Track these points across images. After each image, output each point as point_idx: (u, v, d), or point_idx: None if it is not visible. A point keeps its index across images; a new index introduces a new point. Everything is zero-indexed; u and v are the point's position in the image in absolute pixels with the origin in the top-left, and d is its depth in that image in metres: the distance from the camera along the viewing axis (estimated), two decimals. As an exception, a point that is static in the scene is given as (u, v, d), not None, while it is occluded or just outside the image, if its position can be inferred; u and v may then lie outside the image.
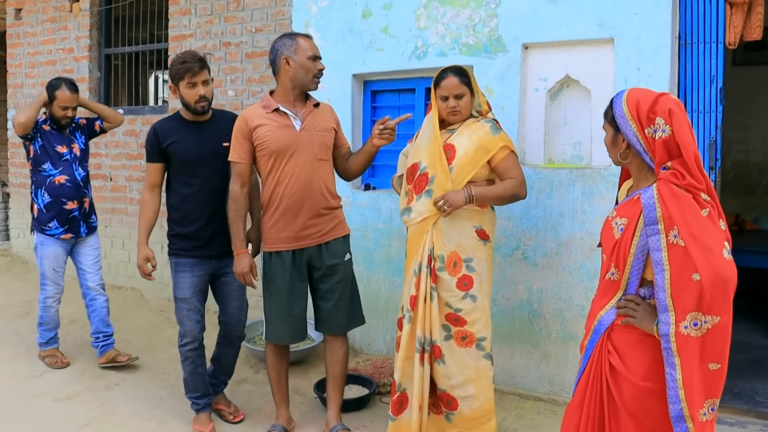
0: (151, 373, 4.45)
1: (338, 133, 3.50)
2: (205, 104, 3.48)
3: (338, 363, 3.50)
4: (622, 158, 2.22)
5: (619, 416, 2.14)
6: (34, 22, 6.73)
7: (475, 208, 3.24)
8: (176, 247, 3.56)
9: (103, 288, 4.55)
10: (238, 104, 5.38)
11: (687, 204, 1.98)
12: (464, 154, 3.21)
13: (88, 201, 4.49)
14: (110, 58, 6.58)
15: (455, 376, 3.26)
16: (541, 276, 3.94)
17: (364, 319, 3.58)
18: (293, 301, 3.39)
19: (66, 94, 4.29)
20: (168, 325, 5.29)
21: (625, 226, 2.10)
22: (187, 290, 3.53)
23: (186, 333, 3.57)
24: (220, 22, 5.50)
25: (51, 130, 4.39)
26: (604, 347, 2.18)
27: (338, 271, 3.40)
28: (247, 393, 3.82)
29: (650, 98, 2.10)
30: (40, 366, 4.53)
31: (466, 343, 3.25)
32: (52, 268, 4.41)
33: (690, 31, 3.65)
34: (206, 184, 3.49)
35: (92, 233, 4.56)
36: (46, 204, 4.33)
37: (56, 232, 4.36)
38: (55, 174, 4.33)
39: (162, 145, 3.49)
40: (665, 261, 1.98)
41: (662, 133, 2.05)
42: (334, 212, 3.42)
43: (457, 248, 3.23)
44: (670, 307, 1.96)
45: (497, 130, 3.27)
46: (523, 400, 3.97)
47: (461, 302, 3.22)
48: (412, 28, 4.33)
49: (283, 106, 3.32)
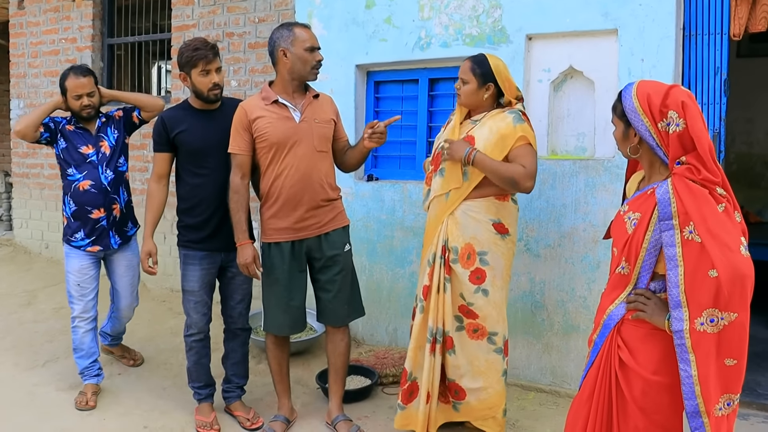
0: (153, 363, 4.45)
1: (337, 125, 3.47)
2: (218, 92, 3.44)
3: (340, 355, 3.50)
4: (632, 153, 2.18)
5: (628, 411, 2.13)
6: (37, 11, 6.71)
7: (493, 200, 3.19)
8: (185, 238, 3.52)
9: (133, 310, 4.17)
10: (241, 95, 5.36)
11: (704, 200, 1.95)
12: (483, 147, 3.13)
13: (119, 208, 3.90)
14: (113, 48, 6.57)
15: (465, 367, 3.26)
16: (543, 267, 3.93)
17: (364, 311, 3.57)
18: (292, 292, 3.38)
19: (76, 80, 3.78)
20: (170, 315, 5.29)
21: (638, 221, 2.08)
22: (195, 283, 3.51)
23: (192, 324, 3.56)
24: (223, 12, 5.48)
25: (76, 130, 3.87)
26: (614, 342, 2.17)
27: (338, 262, 3.39)
28: (249, 384, 3.82)
29: (661, 91, 2.05)
30: (43, 355, 4.53)
31: (478, 336, 3.24)
32: (76, 283, 3.85)
33: (694, 22, 3.62)
34: (215, 174, 3.44)
35: (127, 244, 4.00)
36: (73, 212, 3.83)
37: (82, 243, 3.84)
38: (79, 179, 3.80)
39: (170, 135, 3.44)
40: (679, 257, 1.96)
41: (676, 127, 2.01)
42: (333, 203, 3.40)
43: (472, 240, 3.18)
44: (684, 303, 1.95)
45: (520, 120, 3.17)
46: (525, 392, 3.97)
47: (473, 296, 3.20)
48: (416, 19, 4.30)
49: (282, 97, 3.29)
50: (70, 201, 3.82)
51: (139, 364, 4.29)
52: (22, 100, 6.91)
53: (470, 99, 3.27)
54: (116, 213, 3.88)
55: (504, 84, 3.25)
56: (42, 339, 4.84)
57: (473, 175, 3.16)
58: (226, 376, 3.75)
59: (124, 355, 4.34)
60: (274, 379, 3.59)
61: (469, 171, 3.16)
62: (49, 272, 6.37)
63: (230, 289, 3.63)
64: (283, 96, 3.30)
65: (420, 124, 4.43)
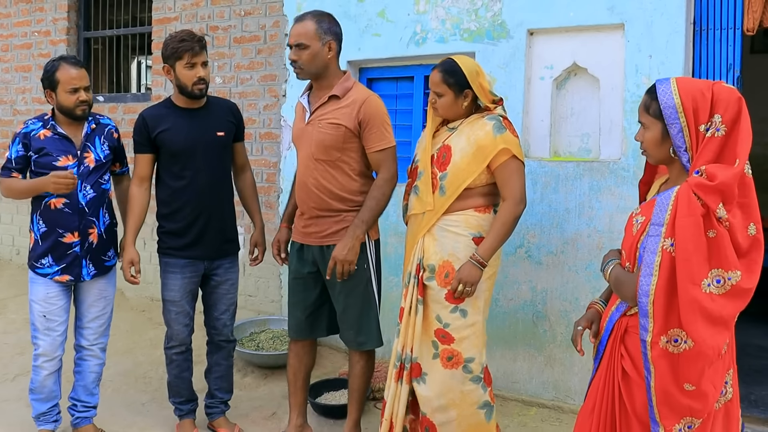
0: (131, 377, 4.27)
1: (363, 134, 3.06)
2: (203, 87, 3.25)
3: (355, 377, 3.27)
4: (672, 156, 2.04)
5: (631, 424, 2.06)
6: (8, 2, 6.46)
7: (473, 213, 2.95)
8: (166, 245, 3.36)
9: (102, 350, 3.44)
10: (225, 92, 5.17)
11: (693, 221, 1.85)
12: (460, 158, 2.90)
13: (96, 233, 3.27)
14: (90, 42, 6.35)
15: (436, 399, 2.97)
16: (545, 275, 3.78)
17: (381, 341, 3.25)
18: (298, 294, 3.28)
19: (71, 71, 3.15)
20: (150, 325, 5.11)
21: (642, 224, 2.05)
22: (177, 292, 3.34)
23: (173, 336, 3.40)
24: (207, 5, 5.29)
25: (54, 136, 3.21)
26: (617, 351, 2.11)
27: (335, 282, 3.12)
28: (234, 398, 3.63)
29: (707, 90, 1.93)
30: (13, 368, 4.31)
31: (452, 364, 2.95)
32: (42, 314, 3.24)
33: (705, 16, 3.52)
34: (198, 177, 3.27)
35: (102, 276, 3.36)
36: (42, 233, 3.23)
37: (49, 271, 3.23)
38: (50, 195, 3.18)
39: (151, 134, 3.26)
40: (656, 266, 1.89)
41: (716, 131, 1.90)
42: (340, 215, 3.13)
43: (450, 257, 2.93)
44: (650, 315, 1.90)
45: (501, 129, 2.89)
46: (526, 407, 3.81)
47: (450, 316, 2.93)
48: (411, 13, 4.14)
49: (306, 95, 3.20)
50: (39, 220, 3.23)
51: None
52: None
53: (449, 111, 3.01)
54: (93, 239, 3.26)
55: (479, 91, 2.97)
56: (12, 351, 4.63)
57: (450, 189, 2.92)
58: (209, 390, 3.60)
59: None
60: (288, 390, 3.43)
61: (446, 186, 2.93)
62: (20, 280, 6.08)
63: (214, 299, 3.47)
64: (306, 93, 3.21)
65: (415, 124, 4.28)
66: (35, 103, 6.30)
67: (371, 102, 3.05)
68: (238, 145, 3.49)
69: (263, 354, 4.31)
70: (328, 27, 3.04)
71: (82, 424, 3.43)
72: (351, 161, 3.09)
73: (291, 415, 3.42)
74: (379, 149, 3.05)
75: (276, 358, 4.28)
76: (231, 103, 3.54)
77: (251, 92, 5.13)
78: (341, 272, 3.01)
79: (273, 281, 5.04)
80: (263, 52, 5.05)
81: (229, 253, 3.45)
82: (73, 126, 3.26)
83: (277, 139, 4.99)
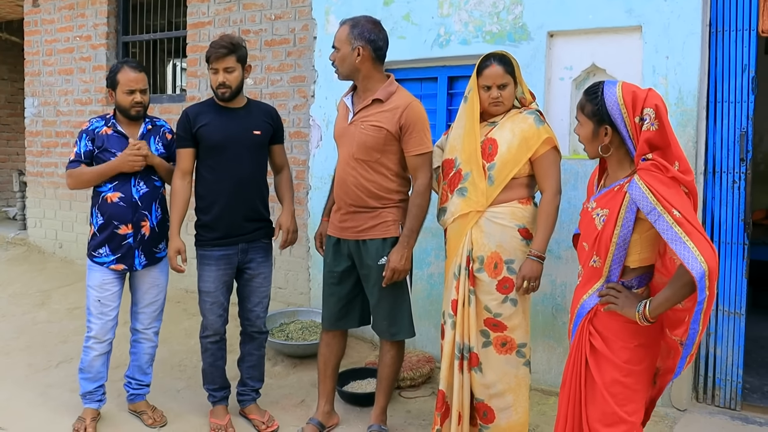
0: (167, 365, 4.42)
1: (403, 138, 3.15)
2: (225, 91, 3.36)
3: (385, 366, 3.38)
4: (603, 152, 2.30)
5: (597, 396, 2.26)
6: (52, 9, 6.69)
7: (518, 205, 3.07)
8: (202, 238, 3.47)
9: (155, 334, 3.68)
10: (257, 93, 5.30)
11: (675, 189, 2.11)
12: (507, 150, 3.03)
13: (149, 226, 3.48)
14: (128, 46, 6.54)
15: (494, 385, 3.10)
16: (564, 269, 3.86)
17: (414, 332, 3.36)
18: (332, 287, 3.38)
19: (131, 73, 3.40)
20: (185, 316, 5.25)
21: (607, 217, 2.23)
22: (211, 284, 3.45)
23: (208, 326, 3.51)
24: (239, 9, 5.43)
25: (114, 133, 3.46)
26: (585, 330, 2.31)
27: (371, 274, 3.26)
28: (264, 387, 3.76)
29: (642, 91, 2.23)
30: (56, 356, 4.50)
31: (506, 350, 3.09)
32: (97, 299, 3.47)
33: (721, 18, 3.56)
34: (232, 171, 3.39)
35: (154, 265, 3.57)
36: (99, 225, 3.45)
37: (106, 260, 3.46)
38: (107, 189, 3.43)
39: (193, 129, 3.39)
40: (682, 234, 2.02)
41: (650, 126, 2.16)
42: (376, 211, 3.23)
43: (498, 249, 3.05)
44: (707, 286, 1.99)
45: (541, 121, 3.08)
46: (545, 396, 3.90)
47: (501, 306, 3.06)
48: (435, 16, 4.24)
49: (349, 96, 3.31)
50: (98, 213, 3.45)
51: (163, 425, 3.67)
52: (36, 98, 6.90)
53: (511, 101, 3.15)
54: (145, 231, 3.47)
55: (521, 81, 3.18)
56: (56, 339, 4.82)
57: (498, 178, 3.04)
58: (241, 378, 3.70)
59: (146, 411, 3.71)
60: (318, 378, 3.54)
61: (494, 175, 3.05)
62: (63, 272, 6.36)
63: (247, 291, 3.58)
64: (350, 94, 3.32)
65: (439, 123, 4.35)
66: (77, 104, 6.53)
67: (413, 107, 3.17)
68: (277, 147, 3.59)
69: (293, 344, 4.41)
70: (359, 33, 3.14)
71: (137, 400, 3.72)
72: (389, 162, 3.20)
73: (319, 402, 3.52)
74: (418, 153, 3.17)
75: (305, 348, 4.39)
76: (271, 107, 3.62)
77: (281, 93, 5.26)
78: (391, 278, 3.16)
79: (302, 274, 5.17)
80: (293, 55, 5.18)
81: (262, 248, 3.55)
82: (131, 125, 3.51)
83: (306, 137, 5.11)
